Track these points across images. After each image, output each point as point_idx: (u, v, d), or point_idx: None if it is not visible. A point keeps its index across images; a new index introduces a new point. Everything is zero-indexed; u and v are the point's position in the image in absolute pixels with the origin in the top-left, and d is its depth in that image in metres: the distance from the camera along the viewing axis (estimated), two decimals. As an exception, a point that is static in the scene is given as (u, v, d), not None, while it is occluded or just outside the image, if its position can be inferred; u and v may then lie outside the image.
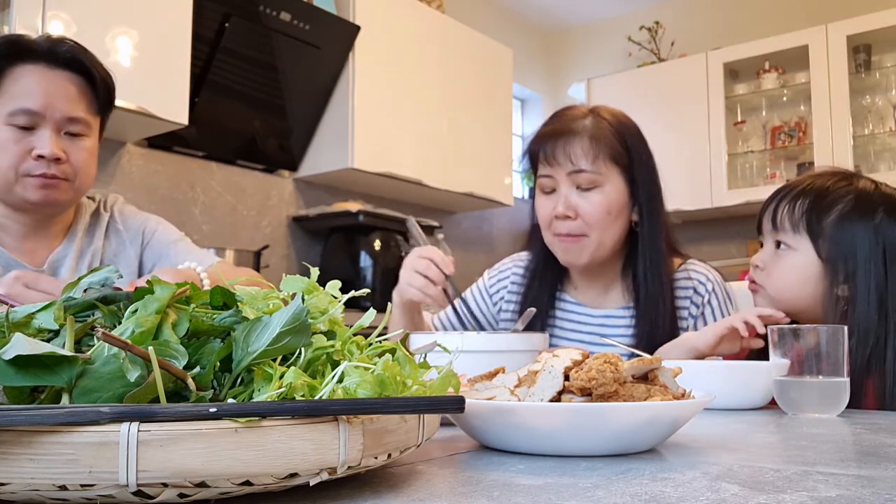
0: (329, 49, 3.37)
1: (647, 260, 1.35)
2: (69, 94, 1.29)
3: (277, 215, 3.57)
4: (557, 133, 1.34)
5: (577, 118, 1.35)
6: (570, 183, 1.33)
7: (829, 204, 1.16)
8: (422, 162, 3.71)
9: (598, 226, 1.32)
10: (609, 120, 1.35)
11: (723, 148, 4.32)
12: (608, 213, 1.32)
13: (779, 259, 1.20)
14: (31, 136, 1.26)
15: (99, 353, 0.42)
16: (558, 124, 1.36)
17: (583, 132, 1.32)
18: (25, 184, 1.27)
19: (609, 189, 1.32)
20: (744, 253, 4.44)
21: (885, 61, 4.04)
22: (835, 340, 0.94)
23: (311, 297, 0.54)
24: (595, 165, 1.31)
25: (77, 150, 1.30)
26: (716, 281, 1.40)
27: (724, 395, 0.96)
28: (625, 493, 0.46)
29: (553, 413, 0.58)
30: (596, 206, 1.32)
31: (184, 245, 1.49)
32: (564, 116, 1.38)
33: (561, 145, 1.32)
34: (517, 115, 5.23)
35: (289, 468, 0.39)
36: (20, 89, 1.25)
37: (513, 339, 1.02)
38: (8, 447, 0.35)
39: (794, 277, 1.18)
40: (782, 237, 1.20)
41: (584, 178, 1.31)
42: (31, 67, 1.27)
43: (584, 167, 1.31)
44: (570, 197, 1.33)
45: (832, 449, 0.66)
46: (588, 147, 1.31)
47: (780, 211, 1.20)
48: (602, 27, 5.21)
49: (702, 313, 1.37)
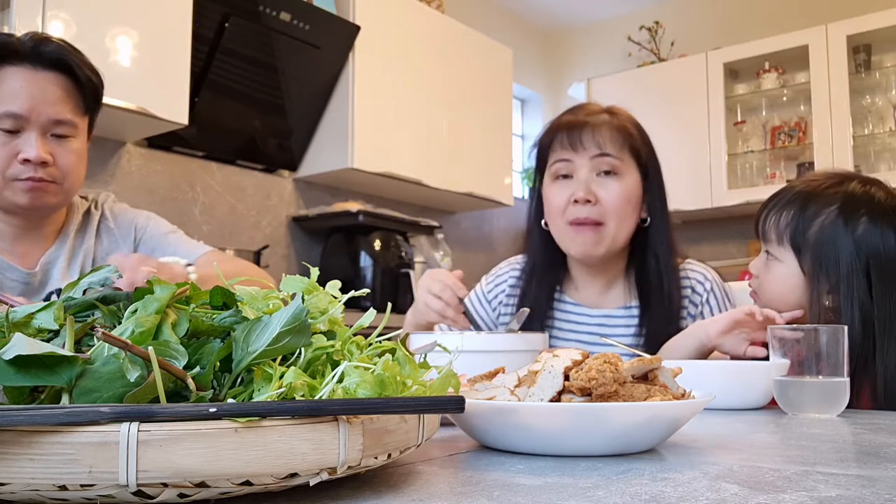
0: (329, 49, 3.37)
1: (658, 256, 1.36)
2: (54, 96, 1.27)
3: (277, 215, 3.57)
4: (582, 121, 1.35)
5: (598, 112, 1.38)
6: (591, 168, 1.33)
7: (811, 216, 1.16)
8: (422, 162, 3.71)
9: (617, 214, 1.32)
10: (627, 117, 1.39)
11: (723, 148, 4.32)
12: (627, 202, 1.33)
13: (769, 269, 1.22)
14: (17, 140, 1.25)
15: (99, 353, 0.42)
16: (581, 114, 1.37)
17: (607, 122, 1.35)
18: (13, 188, 1.26)
19: (628, 179, 1.33)
20: (744, 253, 4.44)
21: (885, 61, 4.04)
22: (835, 340, 0.94)
23: (311, 297, 0.54)
24: (620, 152, 1.33)
25: (64, 153, 1.29)
26: (714, 280, 1.40)
27: (724, 395, 0.96)
28: (625, 493, 0.46)
29: (553, 413, 0.58)
30: (616, 192, 1.32)
31: (175, 237, 1.48)
32: (585, 108, 1.40)
33: (588, 130, 1.33)
34: (517, 115, 5.23)
35: (289, 468, 0.39)
36: (4, 92, 1.24)
37: (513, 339, 1.01)
38: (8, 447, 0.35)
39: (782, 287, 1.19)
40: (770, 248, 1.21)
41: (608, 162, 1.32)
42: (14, 69, 1.25)
43: (610, 151, 1.32)
44: (590, 183, 1.32)
45: (832, 449, 0.66)
46: (614, 134, 1.33)
47: (767, 222, 1.21)
48: (602, 27, 5.21)
49: (700, 312, 1.37)
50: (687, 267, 1.42)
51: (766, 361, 1.01)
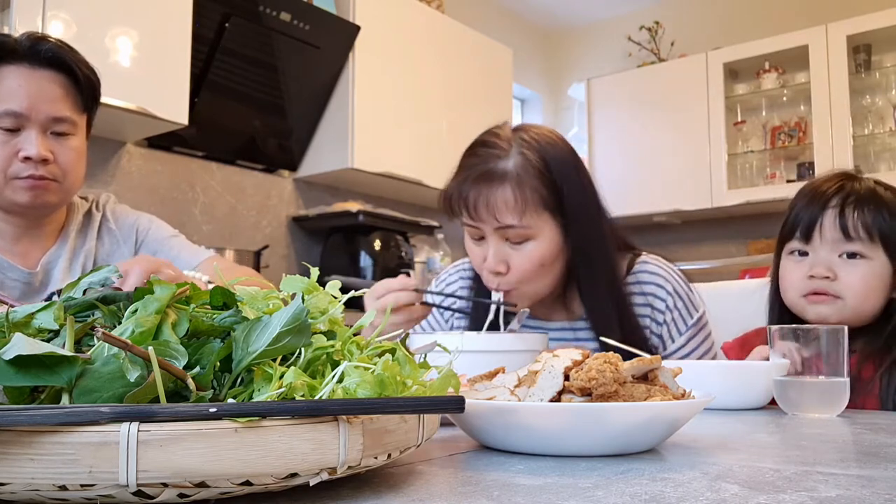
0: (329, 49, 3.37)
1: (589, 293, 1.25)
2: (53, 93, 1.27)
3: (277, 215, 3.57)
4: (478, 182, 1.18)
5: (498, 158, 1.19)
6: (499, 237, 1.20)
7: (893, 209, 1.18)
8: (422, 162, 3.71)
9: (532, 278, 1.21)
10: (533, 155, 1.19)
11: (723, 148, 4.32)
12: (542, 265, 1.21)
13: (853, 268, 1.17)
14: (17, 138, 1.25)
15: (99, 353, 0.42)
16: (476, 172, 1.20)
17: (505, 180, 1.17)
18: (14, 186, 1.26)
19: (541, 239, 1.20)
20: (744, 253, 4.44)
21: (885, 61, 4.04)
22: (835, 341, 0.94)
23: (311, 297, 0.54)
24: (524, 219, 1.17)
25: (64, 151, 1.29)
26: (672, 279, 1.30)
27: (724, 395, 0.96)
28: (625, 493, 0.46)
29: (553, 413, 0.58)
30: (528, 258, 1.19)
31: (177, 241, 1.48)
32: (483, 161, 1.21)
33: (483, 199, 1.17)
34: (517, 115, 5.23)
35: (289, 468, 0.39)
36: (3, 91, 1.24)
37: (513, 339, 1.01)
38: (8, 447, 0.35)
39: (872, 284, 1.17)
40: (853, 247, 1.17)
41: (513, 233, 1.18)
42: (12, 69, 1.25)
43: (511, 223, 1.17)
44: (500, 250, 1.20)
45: (832, 449, 0.66)
46: (512, 200, 1.16)
47: (851, 221, 1.17)
48: (602, 27, 5.21)
49: (672, 319, 1.28)
50: (640, 275, 1.30)
51: (766, 361, 1.01)
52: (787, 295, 1.23)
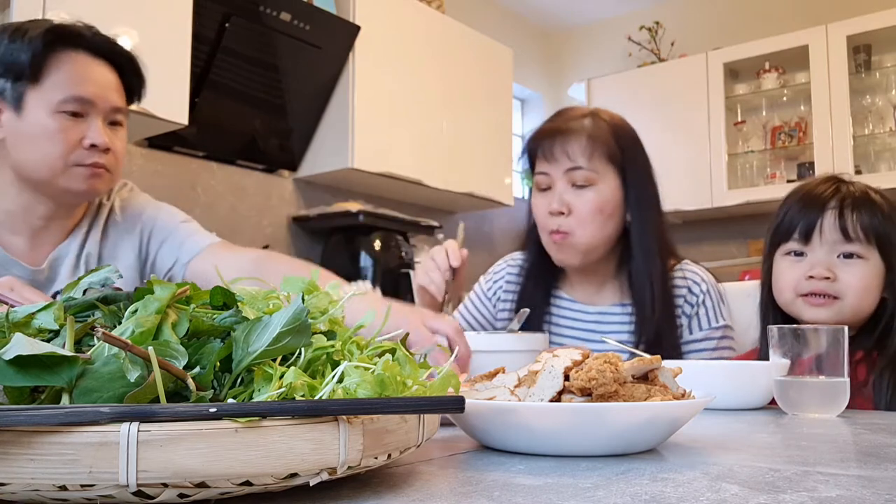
0: (329, 49, 3.37)
1: (638, 260, 1.37)
2: (113, 83, 1.29)
3: (278, 215, 3.57)
4: (556, 131, 1.36)
5: (577, 118, 1.37)
6: (567, 180, 1.34)
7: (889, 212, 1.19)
8: (422, 162, 3.71)
9: (588, 224, 1.34)
10: (607, 121, 1.37)
11: (723, 148, 4.32)
12: (600, 212, 1.33)
13: (852, 268, 1.18)
14: (82, 125, 1.24)
15: (99, 353, 0.42)
16: (557, 122, 1.38)
17: (581, 131, 1.34)
18: (74, 173, 1.24)
19: (604, 188, 1.34)
20: (744, 253, 4.44)
21: (885, 61, 4.04)
22: (835, 341, 0.94)
23: (311, 297, 0.54)
24: (591, 163, 1.33)
25: (119, 141, 1.30)
26: (710, 283, 1.41)
27: (724, 395, 0.96)
28: (625, 493, 0.46)
29: (553, 413, 0.58)
30: (588, 203, 1.33)
31: (186, 227, 1.45)
32: (564, 115, 1.40)
33: (559, 142, 1.34)
34: (517, 115, 5.23)
35: (289, 468, 0.39)
36: (67, 77, 1.23)
37: (513, 339, 1.02)
38: (8, 447, 0.35)
39: (868, 283, 1.18)
40: (851, 248, 1.18)
41: (580, 175, 1.33)
42: (73, 55, 1.25)
43: (580, 164, 1.33)
44: (564, 194, 1.34)
45: (832, 449, 0.66)
46: (585, 145, 1.33)
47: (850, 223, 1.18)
48: (602, 27, 5.21)
49: (696, 313, 1.37)
50: (684, 268, 1.42)
51: (766, 361, 1.01)
52: (783, 296, 1.23)
